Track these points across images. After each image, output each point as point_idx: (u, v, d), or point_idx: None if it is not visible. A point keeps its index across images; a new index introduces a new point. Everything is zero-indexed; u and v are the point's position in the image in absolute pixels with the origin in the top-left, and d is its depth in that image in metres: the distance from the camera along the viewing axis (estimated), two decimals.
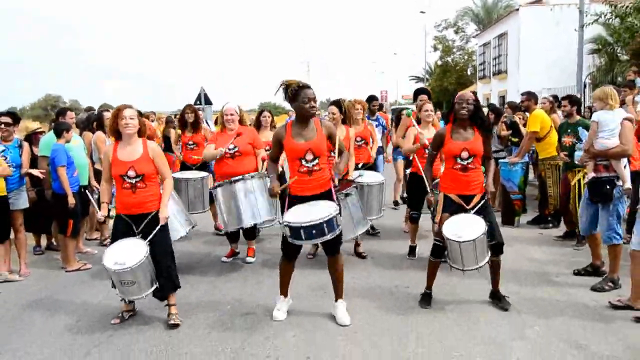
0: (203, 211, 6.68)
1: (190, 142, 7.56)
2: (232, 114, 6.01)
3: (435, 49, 45.05)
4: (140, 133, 4.50)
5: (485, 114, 5.35)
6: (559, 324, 4.26)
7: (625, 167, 5.04)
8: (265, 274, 5.71)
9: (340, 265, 4.53)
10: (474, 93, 4.68)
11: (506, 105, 10.88)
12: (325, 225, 4.15)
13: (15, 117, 6.07)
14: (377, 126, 8.51)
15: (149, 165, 4.45)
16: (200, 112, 8.48)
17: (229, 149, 5.86)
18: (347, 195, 5.49)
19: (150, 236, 4.38)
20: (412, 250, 6.19)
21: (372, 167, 7.01)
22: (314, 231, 4.15)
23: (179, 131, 7.95)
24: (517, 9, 27.94)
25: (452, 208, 4.56)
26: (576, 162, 5.85)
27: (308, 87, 4.34)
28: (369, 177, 6.34)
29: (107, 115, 7.02)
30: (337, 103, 6.33)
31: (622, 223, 5.48)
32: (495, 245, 4.52)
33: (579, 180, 6.05)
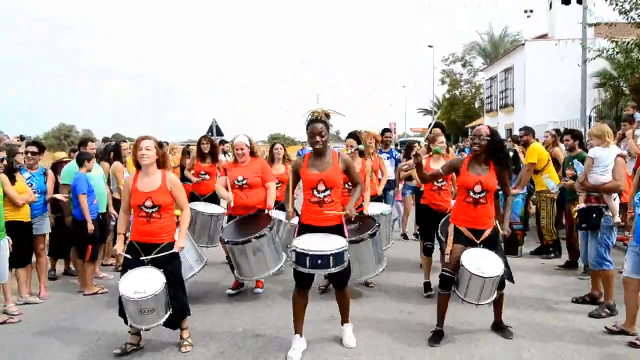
0: (212, 246, 6.61)
1: (203, 172, 7.63)
2: (242, 149, 6.02)
3: (443, 82, 45.73)
4: (160, 165, 4.60)
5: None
6: (554, 348, 4.45)
7: (615, 199, 5.31)
8: (276, 301, 5.92)
9: (348, 296, 4.71)
10: (491, 128, 4.71)
11: (509, 139, 11.17)
12: (332, 258, 4.20)
13: (40, 146, 6.43)
14: (389, 159, 8.70)
15: (166, 197, 4.56)
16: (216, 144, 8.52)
17: (238, 181, 5.94)
18: (372, 235, 5.49)
19: (164, 264, 4.49)
20: (427, 286, 5.98)
21: (379, 199, 7.05)
22: (319, 261, 4.20)
23: (193, 160, 7.96)
24: (523, 44, 28.46)
25: (463, 241, 4.63)
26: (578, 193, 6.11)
27: (316, 121, 4.42)
28: (376, 209, 6.41)
29: (124, 146, 7.37)
30: (355, 135, 6.36)
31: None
32: (501, 280, 4.58)
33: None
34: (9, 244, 5.33)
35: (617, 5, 12.43)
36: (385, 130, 9.44)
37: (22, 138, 7.71)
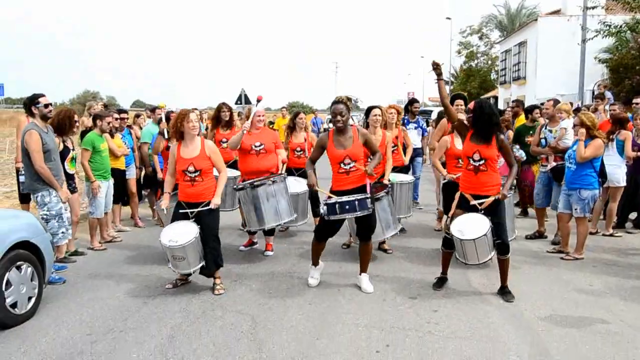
0: (232, 209, 6.82)
1: (224, 140, 7.37)
2: (263, 115, 6.49)
3: (460, 53, 46.66)
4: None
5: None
6: (514, 262, 5.99)
7: None
8: (289, 256, 6.42)
9: (370, 249, 5.32)
10: (480, 102, 5.01)
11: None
12: (357, 202, 4.85)
13: (125, 112, 8.30)
14: (417, 128, 9.14)
15: (206, 162, 5.14)
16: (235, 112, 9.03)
17: (256, 146, 6.26)
18: (377, 199, 5.69)
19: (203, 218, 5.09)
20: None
21: (404, 169, 7.32)
22: (347, 206, 4.86)
23: (213, 130, 7.74)
24: (536, 19, 29.52)
25: (465, 206, 4.98)
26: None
27: (338, 102, 5.08)
28: (398, 177, 6.77)
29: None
30: (379, 107, 6.61)
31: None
32: (501, 245, 4.89)
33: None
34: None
35: None
36: (413, 101, 9.71)
37: (105, 106, 9.44)
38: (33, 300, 4.63)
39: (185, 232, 4.99)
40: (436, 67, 5.11)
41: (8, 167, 14.69)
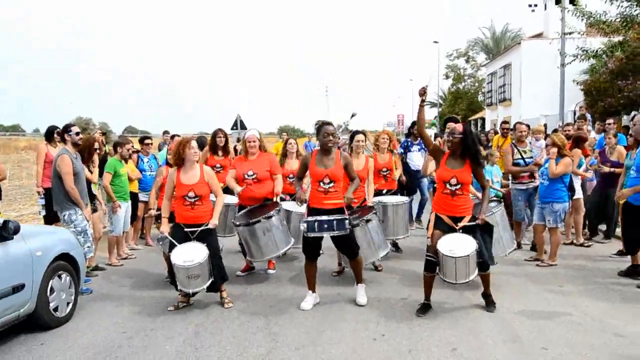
0: (230, 235, 6.78)
1: (218, 165, 7.41)
2: (254, 141, 6.47)
3: (447, 76, 47.90)
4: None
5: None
6: (496, 269, 6.73)
7: None
8: (288, 279, 6.46)
9: (359, 262, 5.54)
10: (465, 127, 5.17)
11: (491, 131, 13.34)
12: (335, 222, 5.10)
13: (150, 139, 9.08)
14: (420, 150, 9.28)
15: (205, 188, 5.41)
16: (230, 137, 9.02)
17: (248, 175, 6.36)
18: (367, 221, 5.91)
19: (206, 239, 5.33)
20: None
21: (395, 193, 7.44)
22: (325, 225, 5.11)
23: (206, 154, 7.58)
24: (519, 43, 30.71)
25: (442, 227, 5.08)
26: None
27: (328, 123, 5.35)
28: (392, 199, 6.92)
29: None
30: (362, 132, 6.91)
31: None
32: (482, 263, 5.06)
33: None
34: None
35: (582, 16, 14.57)
36: (414, 124, 9.40)
37: (103, 133, 10.06)
38: (70, 305, 5.27)
39: (195, 251, 5.24)
40: (423, 93, 5.15)
41: (13, 193, 15.28)
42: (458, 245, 4.89)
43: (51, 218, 7.58)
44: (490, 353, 4.28)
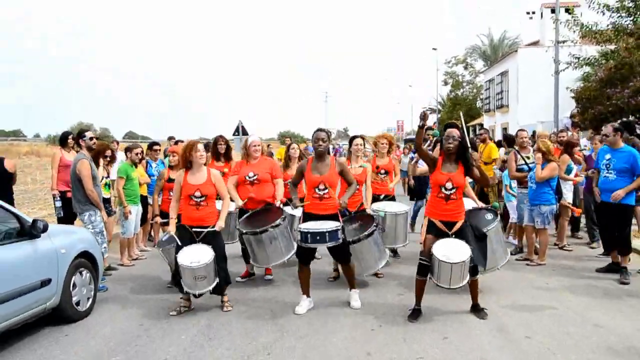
0: (231, 242, 6.78)
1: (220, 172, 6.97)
2: (258, 145, 6.60)
3: (446, 83, 48.45)
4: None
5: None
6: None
7: None
8: (285, 283, 6.66)
9: (351, 268, 5.65)
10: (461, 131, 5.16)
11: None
12: (327, 234, 5.18)
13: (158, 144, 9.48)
14: None
15: (211, 188, 5.57)
16: (232, 143, 9.16)
17: (249, 177, 6.46)
18: (369, 235, 5.87)
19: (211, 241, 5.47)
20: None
21: (393, 198, 7.47)
22: (318, 237, 5.20)
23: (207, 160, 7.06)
24: (516, 50, 31.22)
25: (435, 232, 5.16)
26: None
27: (321, 130, 5.54)
28: (394, 207, 6.90)
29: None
30: (361, 137, 7.07)
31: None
32: (472, 268, 5.11)
33: None
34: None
35: (575, 27, 14.99)
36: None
37: (117, 142, 10.47)
38: (90, 300, 5.68)
39: (201, 253, 5.37)
40: (423, 116, 5.22)
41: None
42: (453, 251, 4.96)
43: (66, 220, 8.01)
44: (478, 341, 4.70)
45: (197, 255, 5.33)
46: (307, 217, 5.52)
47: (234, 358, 4.44)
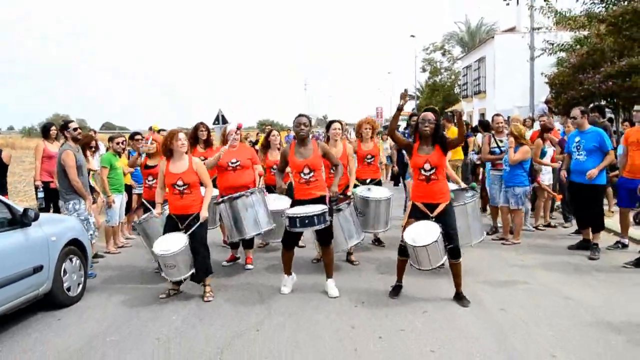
0: (213, 227, 6.82)
1: (202, 158, 7.04)
2: (237, 133, 6.78)
3: (424, 70, 48.72)
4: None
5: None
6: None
7: None
8: (265, 270, 6.69)
9: (331, 252, 5.69)
10: (436, 114, 5.25)
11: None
12: (315, 217, 5.28)
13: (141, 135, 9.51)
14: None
15: (193, 176, 5.59)
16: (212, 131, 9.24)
17: (232, 163, 6.61)
18: (338, 210, 6.08)
19: (192, 229, 5.52)
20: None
21: (379, 182, 7.50)
22: (306, 221, 5.29)
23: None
24: (493, 37, 31.62)
25: (417, 214, 5.25)
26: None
27: (301, 115, 5.63)
28: (377, 193, 6.96)
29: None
30: (339, 121, 7.14)
31: None
32: (453, 249, 5.12)
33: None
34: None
35: (549, 13, 15.28)
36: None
37: (95, 132, 10.44)
38: (80, 286, 5.81)
39: (174, 241, 5.43)
40: (403, 96, 5.24)
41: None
42: (422, 234, 5.01)
43: (49, 209, 8.10)
44: (455, 313, 4.99)
45: (168, 244, 5.41)
46: (296, 203, 5.63)
47: (226, 336, 4.63)
